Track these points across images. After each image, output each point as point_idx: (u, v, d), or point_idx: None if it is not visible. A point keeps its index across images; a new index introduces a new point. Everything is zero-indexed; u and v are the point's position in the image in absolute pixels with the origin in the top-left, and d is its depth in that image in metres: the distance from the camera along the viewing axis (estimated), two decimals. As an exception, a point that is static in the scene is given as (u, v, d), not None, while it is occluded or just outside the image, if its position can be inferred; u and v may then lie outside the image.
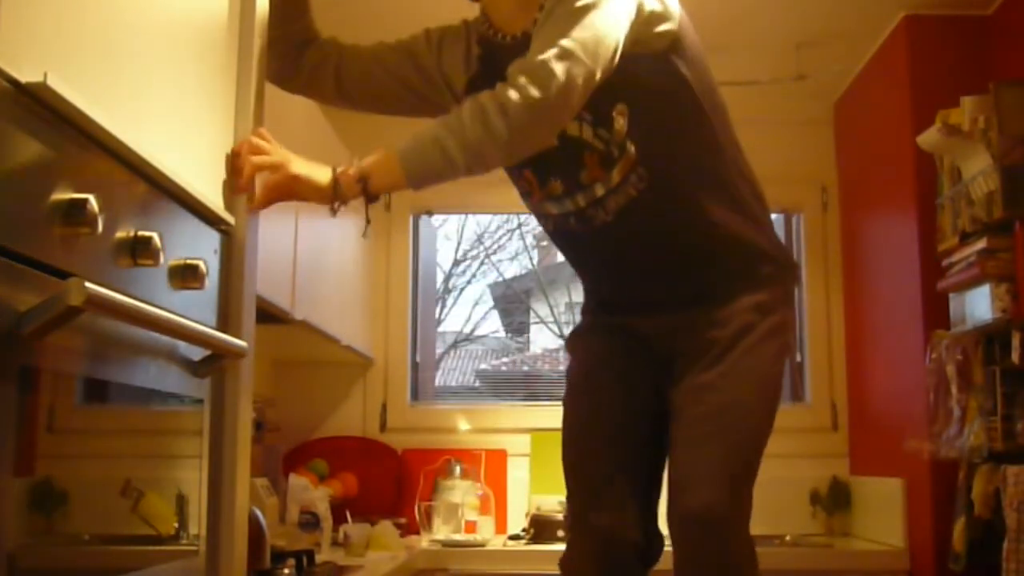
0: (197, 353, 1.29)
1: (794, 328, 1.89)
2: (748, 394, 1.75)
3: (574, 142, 1.73)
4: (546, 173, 1.79)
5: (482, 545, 3.23)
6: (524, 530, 3.37)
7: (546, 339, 7.42)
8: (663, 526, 1.81)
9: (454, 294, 7.57)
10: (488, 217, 7.01)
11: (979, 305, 2.51)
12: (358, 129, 3.66)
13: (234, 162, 1.47)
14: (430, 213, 4.00)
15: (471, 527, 3.41)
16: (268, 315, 2.43)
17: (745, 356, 1.74)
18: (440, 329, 6.37)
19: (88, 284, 0.89)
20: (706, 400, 1.73)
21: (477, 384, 7.09)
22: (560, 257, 2.13)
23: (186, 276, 1.24)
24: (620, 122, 1.69)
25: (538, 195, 1.83)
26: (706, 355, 1.74)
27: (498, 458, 3.65)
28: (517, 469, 3.64)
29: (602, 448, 1.86)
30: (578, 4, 1.55)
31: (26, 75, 0.90)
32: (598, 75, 1.55)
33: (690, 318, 1.78)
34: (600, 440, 1.86)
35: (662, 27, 1.67)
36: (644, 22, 1.64)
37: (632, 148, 1.71)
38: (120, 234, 1.08)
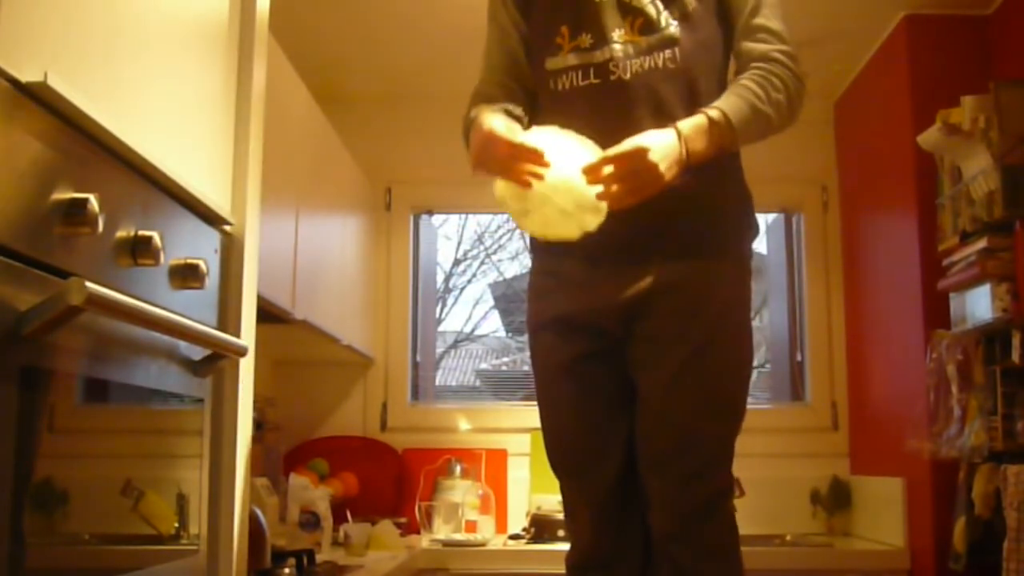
0: (197, 353, 1.29)
1: (750, 295, 1.88)
2: (729, 380, 1.78)
3: (623, 5, 1.82)
4: (580, 28, 1.84)
5: (482, 545, 3.23)
6: (524, 529, 3.37)
7: (546, 339, 7.39)
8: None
9: (454, 294, 7.57)
10: (488, 217, 7.00)
11: (979, 305, 2.51)
12: (358, 128, 3.66)
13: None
14: (430, 213, 4.00)
15: (471, 527, 3.41)
16: (268, 315, 2.43)
17: (722, 342, 1.75)
18: (440, 329, 6.37)
19: (88, 284, 0.89)
20: (688, 393, 1.74)
21: (477, 384, 7.08)
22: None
23: (186, 276, 1.24)
24: (683, 6, 1.81)
25: (567, 47, 1.86)
26: (680, 344, 1.74)
27: (498, 458, 3.65)
28: (517, 469, 3.64)
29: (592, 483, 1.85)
30: None
31: (26, 75, 0.90)
32: None
33: (653, 285, 1.75)
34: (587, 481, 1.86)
35: None
36: None
37: (678, 30, 1.80)
38: (120, 234, 1.08)
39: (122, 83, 1.13)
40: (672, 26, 1.79)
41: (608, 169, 1.60)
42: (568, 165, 1.65)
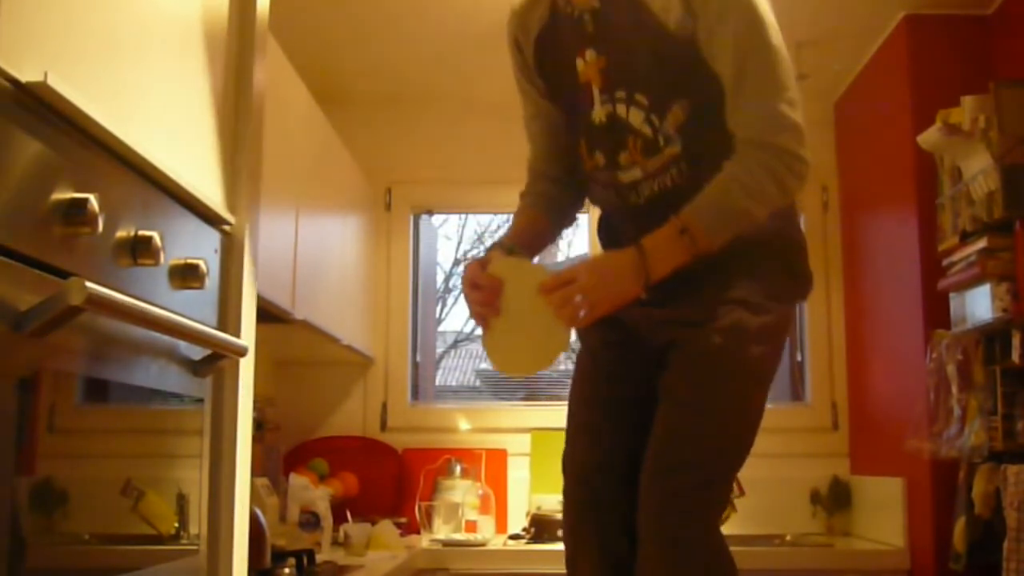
0: (197, 352, 1.29)
1: (786, 329, 1.84)
2: (725, 400, 1.71)
3: (620, 124, 1.77)
4: (594, 145, 1.82)
5: (482, 545, 3.23)
6: (524, 529, 3.37)
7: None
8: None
9: (454, 293, 7.57)
10: (488, 217, 7.01)
11: (979, 305, 2.51)
12: (358, 128, 3.66)
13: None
14: (430, 213, 4.00)
15: (471, 527, 3.41)
16: (268, 315, 2.43)
17: (727, 358, 1.70)
18: (440, 328, 6.37)
19: (88, 284, 0.89)
20: (680, 403, 1.71)
21: (477, 383, 7.08)
22: (560, 256, 2.15)
23: (186, 275, 1.24)
24: (678, 115, 1.73)
25: (588, 164, 1.86)
26: (689, 352, 1.72)
27: (498, 458, 3.65)
28: (517, 469, 3.64)
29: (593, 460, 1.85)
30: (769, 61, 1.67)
31: (26, 75, 0.90)
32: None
33: (681, 309, 1.74)
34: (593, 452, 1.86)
35: None
36: None
37: (679, 143, 1.74)
38: (120, 233, 1.08)
39: (122, 83, 1.13)
40: (672, 142, 1.73)
41: (570, 288, 1.63)
42: (529, 289, 1.69)
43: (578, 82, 1.80)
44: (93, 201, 0.96)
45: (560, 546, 1.90)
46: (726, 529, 1.80)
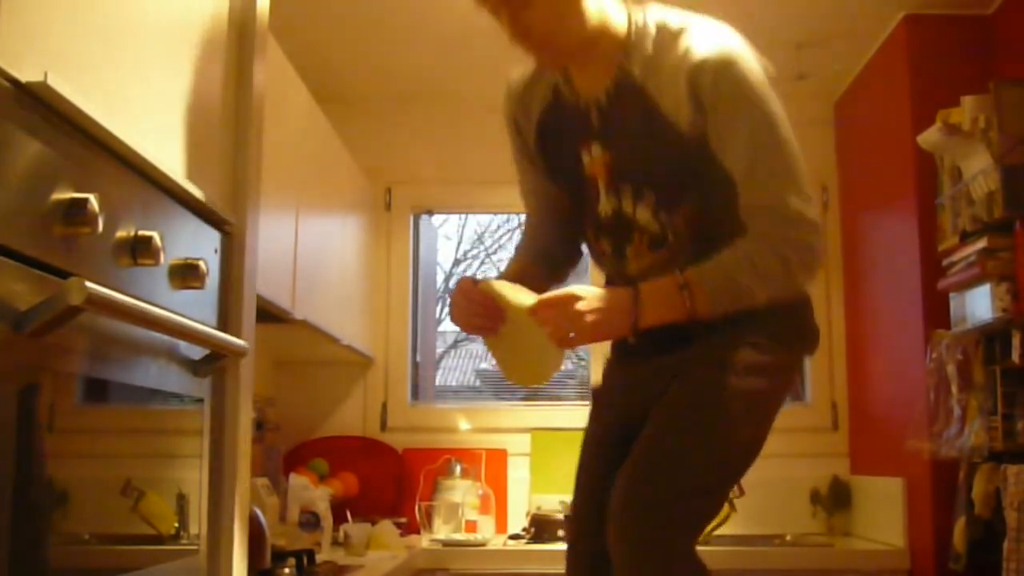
0: (197, 352, 1.29)
1: (790, 374, 1.81)
2: (718, 420, 1.67)
3: (627, 220, 1.75)
4: (599, 234, 1.81)
5: (482, 545, 3.23)
6: (524, 529, 3.37)
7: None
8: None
9: (454, 294, 7.56)
10: (488, 217, 7.01)
11: (979, 305, 2.51)
12: (358, 128, 3.66)
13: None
14: (430, 213, 4.00)
15: (471, 527, 3.41)
16: (268, 314, 2.43)
17: (725, 385, 1.66)
18: (440, 328, 6.36)
19: (88, 283, 0.89)
20: (671, 416, 1.69)
21: (477, 383, 7.08)
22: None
23: (186, 275, 1.24)
24: (688, 210, 1.71)
25: (596, 249, 1.85)
26: (689, 380, 1.69)
27: (498, 458, 3.65)
28: (517, 469, 3.64)
29: (591, 480, 1.85)
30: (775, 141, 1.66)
31: (26, 75, 0.90)
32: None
33: (687, 352, 1.71)
34: (591, 474, 1.86)
35: None
36: None
37: (688, 236, 1.72)
38: (120, 233, 1.08)
39: (122, 83, 1.13)
40: (680, 236, 1.72)
41: (557, 309, 1.63)
42: (521, 311, 1.71)
43: (583, 173, 1.78)
44: (93, 201, 0.96)
45: (560, 546, 1.91)
46: (726, 529, 1.80)
